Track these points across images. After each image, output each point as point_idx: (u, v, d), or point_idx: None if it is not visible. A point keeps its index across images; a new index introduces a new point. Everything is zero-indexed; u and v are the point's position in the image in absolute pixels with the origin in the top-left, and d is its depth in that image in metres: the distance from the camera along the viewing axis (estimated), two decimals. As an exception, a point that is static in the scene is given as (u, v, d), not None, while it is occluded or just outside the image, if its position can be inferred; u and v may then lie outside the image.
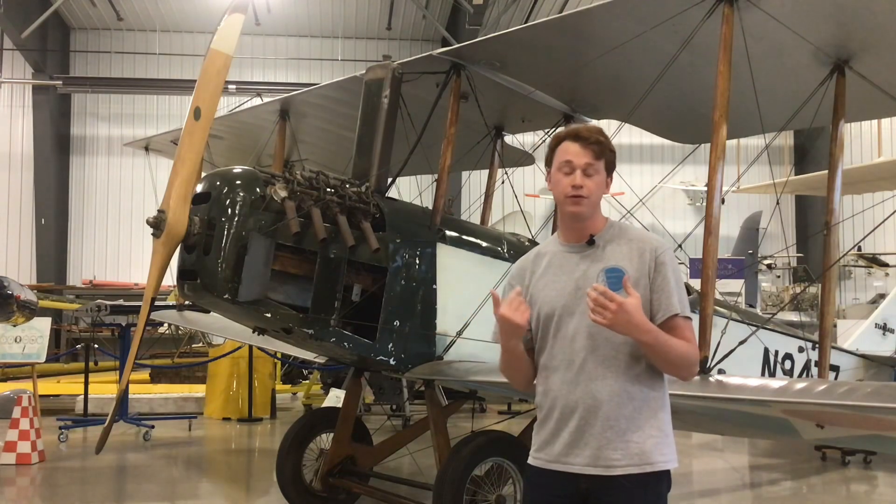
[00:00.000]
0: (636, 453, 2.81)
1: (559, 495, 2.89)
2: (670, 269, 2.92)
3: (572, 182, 2.90)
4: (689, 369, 2.92)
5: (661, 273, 2.90)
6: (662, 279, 2.90)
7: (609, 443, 2.81)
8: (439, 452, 5.92)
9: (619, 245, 2.95)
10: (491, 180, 8.02)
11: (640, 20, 5.35)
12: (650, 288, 2.89)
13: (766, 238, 21.11)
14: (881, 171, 15.10)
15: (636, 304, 2.71)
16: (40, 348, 10.59)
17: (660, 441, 2.86)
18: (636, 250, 2.93)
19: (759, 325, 7.02)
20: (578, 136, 2.94)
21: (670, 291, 2.89)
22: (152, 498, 7.75)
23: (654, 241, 2.97)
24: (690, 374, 2.95)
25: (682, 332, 2.89)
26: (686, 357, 2.87)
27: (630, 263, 2.90)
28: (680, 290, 2.93)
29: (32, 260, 22.98)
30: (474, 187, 15.29)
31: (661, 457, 2.85)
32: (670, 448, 2.89)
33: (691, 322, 2.95)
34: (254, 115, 8.98)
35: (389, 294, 5.84)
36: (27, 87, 23.20)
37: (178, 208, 5.11)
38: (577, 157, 2.91)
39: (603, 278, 2.86)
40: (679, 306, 2.89)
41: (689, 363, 2.90)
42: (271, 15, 22.69)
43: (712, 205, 5.13)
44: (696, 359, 2.93)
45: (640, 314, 2.72)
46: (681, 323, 2.89)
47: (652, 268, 2.90)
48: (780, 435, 6.44)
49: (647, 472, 2.82)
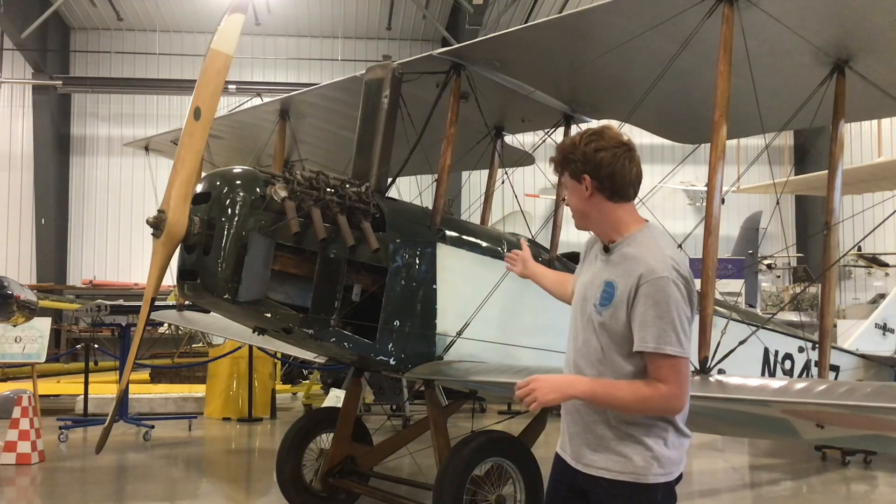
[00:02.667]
0: (615, 460, 2.81)
1: (563, 483, 2.99)
2: (651, 301, 2.68)
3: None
4: (657, 411, 2.75)
5: (638, 303, 2.71)
6: (641, 309, 2.70)
7: (590, 444, 2.87)
8: (439, 452, 5.92)
9: (624, 259, 2.84)
10: (491, 180, 8.01)
11: (639, 20, 5.35)
12: (630, 316, 2.74)
13: (766, 238, 21.13)
14: (881, 171, 15.10)
15: (546, 375, 2.76)
16: (40, 348, 10.59)
17: (646, 454, 2.79)
18: (629, 270, 2.77)
19: (759, 325, 7.02)
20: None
21: (644, 324, 2.68)
22: (152, 498, 7.75)
23: (644, 266, 2.73)
24: (669, 414, 2.78)
25: (657, 370, 2.68)
26: (641, 399, 2.69)
27: (622, 281, 2.79)
28: (661, 322, 2.67)
29: (32, 260, 22.97)
30: (474, 187, 15.31)
31: (646, 468, 2.79)
32: (662, 462, 2.80)
33: (675, 360, 2.68)
34: (254, 115, 8.98)
35: (389, 294, 5.84)
36: (27, 87, 23.20)
37: (178, 208, 5.11)
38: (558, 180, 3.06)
39: (601, 290, 2.86)
40: (653, 341, 2.66)
41: (647, 406, 2.72)
42: (271, 15, 22.70)
43: (712, 205, 5.13)
44: (661, 400, 2.69)
45: (554, 378, 2.76)
46: (657, 360, 2.68)
47: (632, 295, 2.73)
48: (780, 435, 6.43)
49: (626, 480, 2.79)
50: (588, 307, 2.89)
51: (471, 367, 5.78)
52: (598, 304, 2.83)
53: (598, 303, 2.83)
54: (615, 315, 2.77)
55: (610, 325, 2.79)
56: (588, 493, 2.90)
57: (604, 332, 2.81)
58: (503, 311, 6.21)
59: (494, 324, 6.07)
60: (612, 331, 2.79)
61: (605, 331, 2.81)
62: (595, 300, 2.85)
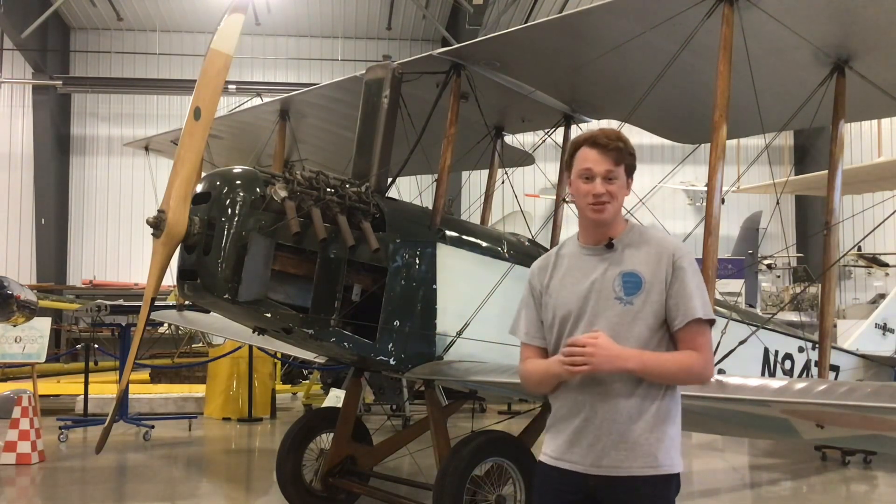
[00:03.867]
0: (642, 455, 2.82)
1: (568, 492, 2.92)
2: (689, 273, 2.87)
3: (593, 190, 2.89)
4: (696, 378, 2.91)
5: (678, 278, 2.86)
6: (680, 284, 2.86)
7: (615, 445, 2.82)
8: (439, 452, 5.92)
9: (637, 249, 2.92)
10: (491, 180, 8.02)
11: (640, 20, 5.35)
12: (667, 293, 2.86)
13: (766, 238, 21.12)
14: (881, 171, 15.09)
15: (606, 338, 2.75)
16: (40, 348, 10.59)
17: (667, 445, 2.86)
18: (654, 255, 2.90)
19: (759, 325, 7.01)
20: (596, 142, 2.91)
21: (689, 295, 2.85)
22: (152, 498, 7.75)
23: (672, 246, 2.93)
24: (703, 381, 2.94)
25: (694, 338, 2.85)
26: (687, 368, 2.85)
27: (647, 268, 2.88)
28: (702, 292, 2.89)
29: (32, 260, 22.98)
30: (474, 187, 15.29)
31: (669, 460, 2.86)
32: (677, 452, 2.90)
33: (709, 328, 2.90)
34: (254, 115, 8.98)
35: (389, 294, 5.84)
36: (27, 87, 23.21)
37: (178, 208, 5.11)
38: (596, 164, 2.89)
39: (619, 282, 2.88)
40: (701, 310, 2.85)
41: (691, 374, 2.88)
42: (271, 15, 22.70)
43: (712, 205, 5.13)
44: (701, 366, 2.87)
45: (614, 346, 2.76)
46: (695, 328, 2.85)
47: (669, 272, 2.87)
48: (780, 435, 6.43)
49: (652, 474, 2.83)
50: (603, 305, 2.88)
51: (471, 367, 5.78)
52: (622, 295, 2.87)
53: (623, 293, 2.86)
54: (648, 298, 2.86)
55: (643, 309, 2.86)
56: (604, 497, 2.86)
57: (636, 319, 2.85)
58: (503, 311, 6.19)
59: (494, 324, 6.06)
60: (647, 313, 2.86)
61: (638, 317, 2.85)
62: (615, 294, 2.87)
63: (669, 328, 2.88)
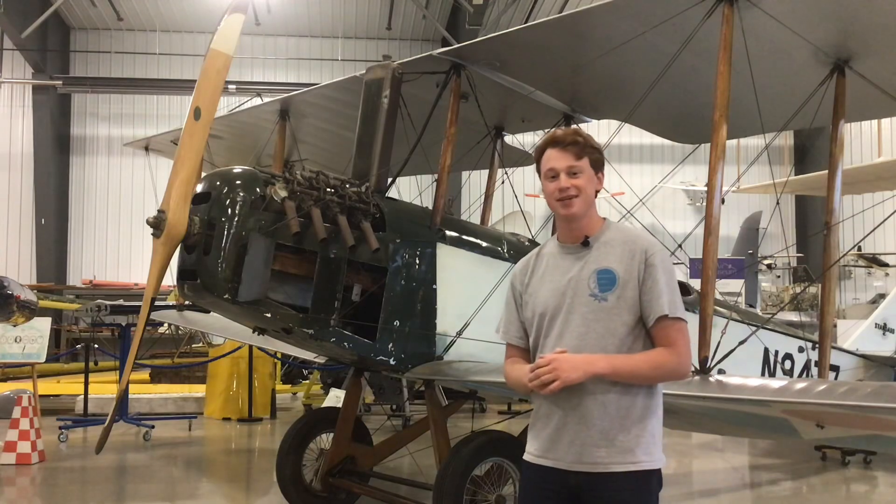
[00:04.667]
0: (621, 452, 2.86)
1: (551, 490, 2.96)
2: (660, 270, 2.91)
3: (558, 186, 2.98)
4: (670, 375, 2.93)
5: (650, 275, 2.90)
6: (652, 281, 2.90)
7: (595, 442, 2.87)
8: (439, 452, 5.92)
9: (612, 246, 2.98)
10: (491, 180, 8.02)
11: (640, 20, 5.35)
12: (640, 290, 2.90)
13: (766, 238, 21.12)
14: (881, 171, 15.11)
15: (565, 355, 2.79)
16: (40, 348, 10.60)
17: (647, 441, 2.90)
18: (628, 252, 2.94)
19: (759, 325, 7.02)
20: (556, 141, 3.03)
21: (659, 292, 2.88)
22: (152, 498, 7.75)
23: (644, 242, 2.97)
24: (679, 377, 2.96)
25: (667, 334, 2.89)
26: (659, 365, 2.88)
27: (621, 265, 2.93)
28: (671, 290, 2.91)
29: (32, 260, 22.97)
30: (474, 187, 15.27)
31: (648, 456, 2.89)
32: (658, 447, 2.93)
33: (683, 323, 2.93)
34: (254, 115, 8.98)
35: (389, 294, 5.84)
36: (27, 87, 23.20)
37: (178, 208, 5.10)
38: (557, 161, 2.99)
39: (594, 279, 2.93)
40: (668, 307, 2.88)
41: (664, 371, 2.91)
42: (271, 15, 22.70)
43: (712, 205, 5.13)
44: (675, 363, 2.90)
45: (578, 356, 2.80)
46: (668, 325, 2.88)
47: (642, 269, 2.91)
48: (780, 435, 6.43)
49: (633, 470, 2.86)
50: (578, 302, 2.93)
51: (471, 367, 5.78)
52: (597, 292, 2.92)
53: (598, 290, 2.92)
54: (623, 294, 2.90)
55: (617, 305, 2.90)
56: (586, 493, 2.89)
57: (610, 315, 2.90)
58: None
59: (494, 324, 6.04)
60: (621, 310, 2.90)
61: (613, 314, 2.90)
62: (590, 291, 2.93)
63: (645, 326, 2.92)
